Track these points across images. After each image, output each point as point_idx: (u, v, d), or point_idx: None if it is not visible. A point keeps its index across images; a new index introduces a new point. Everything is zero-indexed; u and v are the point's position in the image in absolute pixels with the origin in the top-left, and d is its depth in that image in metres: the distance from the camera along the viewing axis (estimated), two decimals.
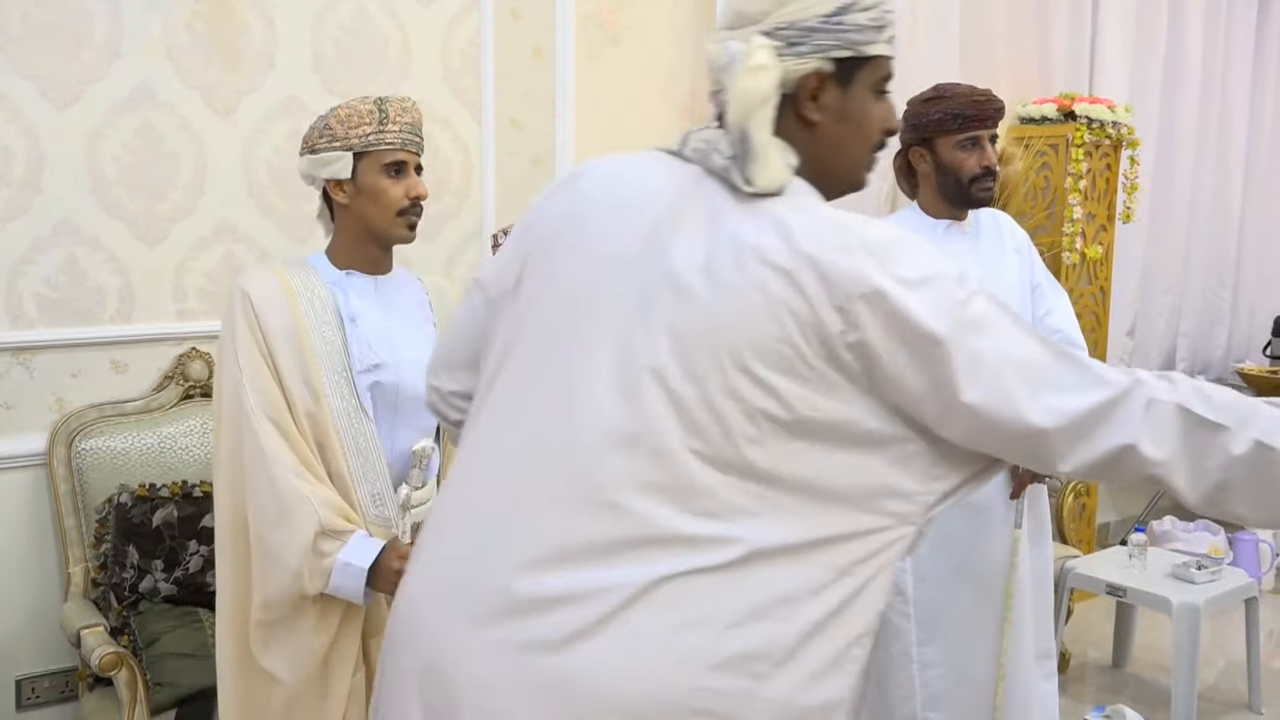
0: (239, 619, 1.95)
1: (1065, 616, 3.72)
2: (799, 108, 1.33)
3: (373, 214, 2.00)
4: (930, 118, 2.58)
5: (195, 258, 2.80)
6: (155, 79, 2.69)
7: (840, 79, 1.32)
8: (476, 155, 3.24)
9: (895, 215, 2.75)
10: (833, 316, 1.19)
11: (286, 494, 1.87)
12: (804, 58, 1.30)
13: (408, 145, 2.02)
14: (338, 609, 1.93)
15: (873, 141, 1.39)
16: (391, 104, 2.02)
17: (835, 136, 1.35)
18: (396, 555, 1.91)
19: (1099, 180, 4.40)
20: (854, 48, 1.31)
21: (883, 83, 1.37)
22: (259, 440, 1.88)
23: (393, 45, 3.05)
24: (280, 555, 1.87)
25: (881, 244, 1.23)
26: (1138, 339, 5.37)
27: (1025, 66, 4.71)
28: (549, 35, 3.36)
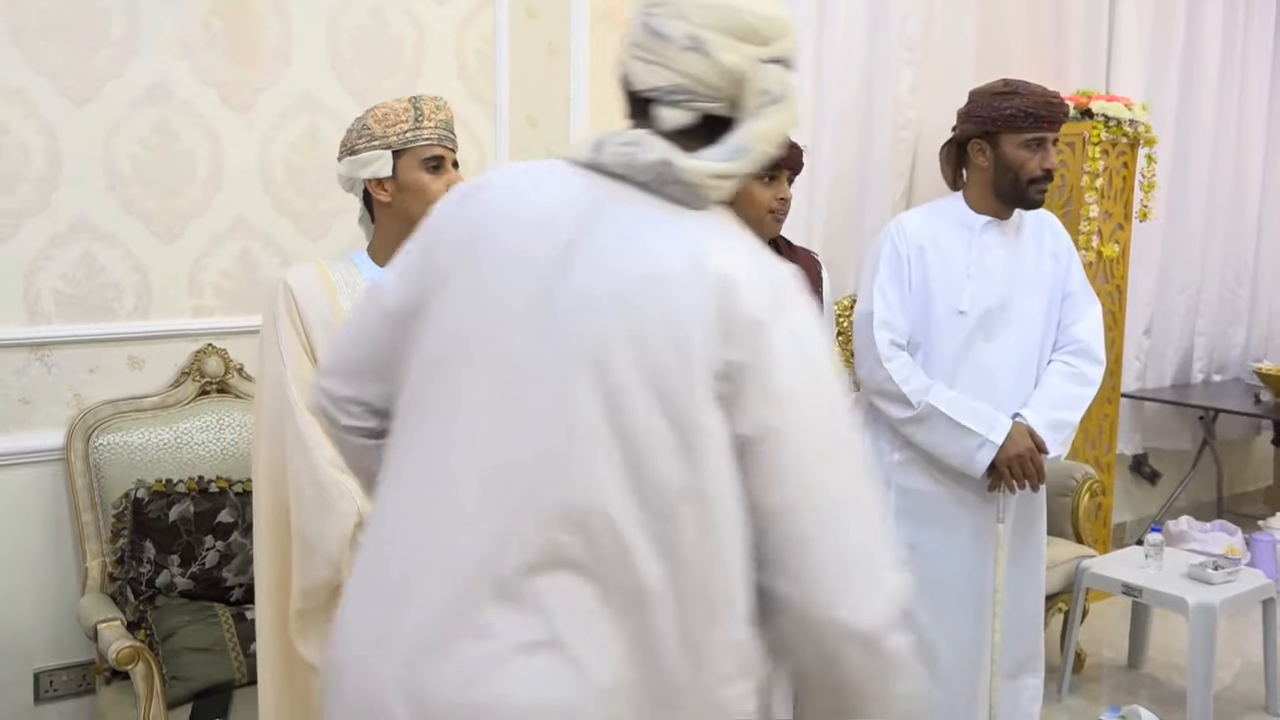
0: (277, 608, 1.97)
1: (1080, 616, 3.71)
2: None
3: (415, 209, 2.01)
4: (1000, 112, 2.52)
5: (211, 254, 2.81)
6: (172, 76, 2.70)
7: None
8: (491, 153, 3.24)
9: (934, 203, 2.71)
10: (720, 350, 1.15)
11: (327, 485, 1.90)
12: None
13: (444, 141, 2.06)
14: None
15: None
16: (425, 102, 2.07)
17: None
18: None
19: (1115, 178, 4.38)
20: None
21: None
22: (301, 431, 1.91)
23: (408, 43, 3.06)
24: (320, 545, 1.89)
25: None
26: (1154, 338, 5.34)
27: (1041, 63, 4.69)
28: (564, 33, 3.36)
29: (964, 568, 2.64)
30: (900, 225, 2.64)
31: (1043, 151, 2.55)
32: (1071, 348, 2.71)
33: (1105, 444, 4.52)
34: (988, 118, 2.56)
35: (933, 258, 2.59)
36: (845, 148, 4.06)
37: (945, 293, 2.59)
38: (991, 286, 2.61)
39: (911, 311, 2.61)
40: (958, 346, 2.59)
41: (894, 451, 2.62)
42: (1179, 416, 5.45)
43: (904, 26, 4.14)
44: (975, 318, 2.59)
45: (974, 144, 2.61)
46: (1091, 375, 2.68)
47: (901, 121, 4.16)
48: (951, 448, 2.54)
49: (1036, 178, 2.55)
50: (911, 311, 2.61)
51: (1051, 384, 2.66)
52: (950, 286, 2.59)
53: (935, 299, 2.59)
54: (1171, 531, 4.73)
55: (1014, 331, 2.63)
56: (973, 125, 2.60)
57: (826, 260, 3.94)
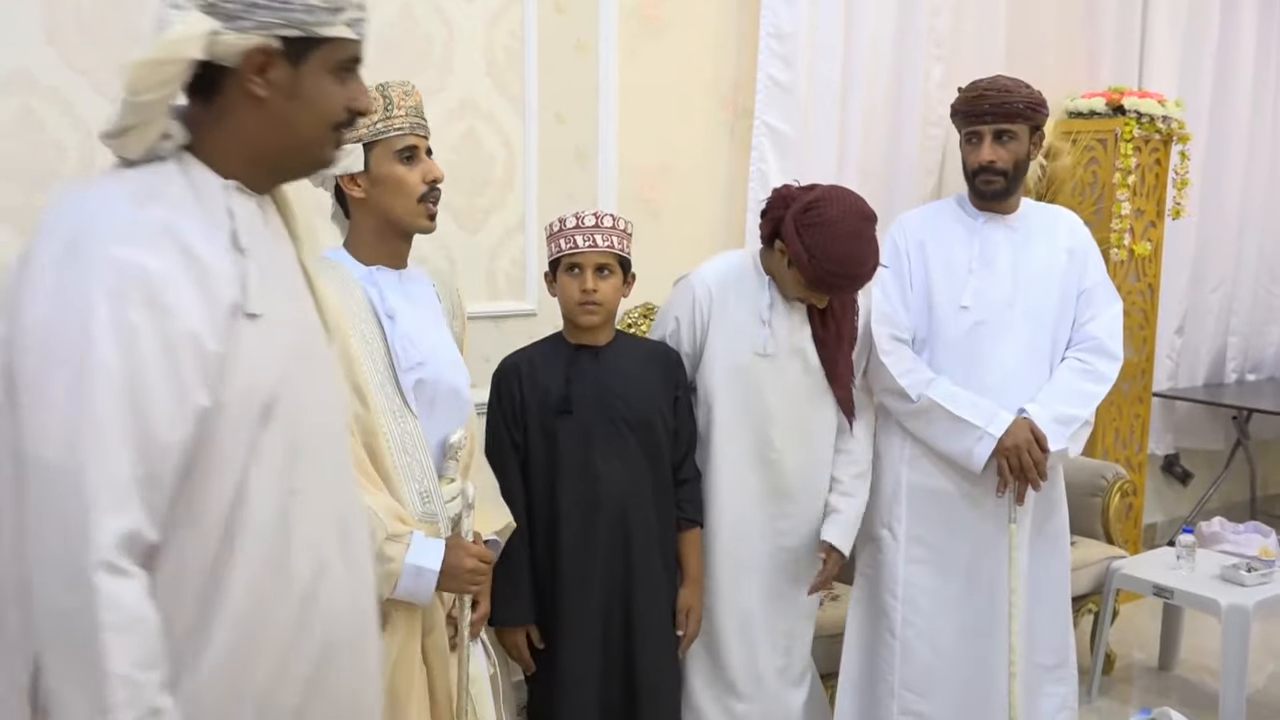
0: None
1: (1111, 618, 3.68)
2: (244, 82, 1.32)
3: (392, 203, 1.96)
4: (953, 111, 2.66)
5: None
6: None
7: (291, 57, 1.33)
8: (520, 149, 3.25)
9: (939, 201, 2.77)
10: None
11: None
12: (246, 33, 1.29)
13: (416, 129, 1.98)
14: (399, 614, 1.90)
15: (331, 121, 1.39)
16: (393, 89, 1.97)
17: (285, 114, 1.35)
18: (465, 553, 1.92)
19: (1148, 175, 4.34)
20: (303, 28, 1.31)
21: (347, 64, 1.38)
22: None
23: (437, 40, 3.07)
24: None
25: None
26: (1186, 337, 5.29)
27: (1073, 60, 4.66)
28: (592, 29, 3.36)
29: (976, 567, 2.63)
30: (900, 223, 2.69)
31: (979, 145, 2.60)
32: (1086, 345, 2.69)
33: (1136, 444, 4.49)
34: (952, 118, 2.68)
35: (933, 253, 2.61)
36: (873, 145, 4.04)
37: (947, 288, 2.59)
38: (996, 282, 2.60)
39: (914, 307, 2.61)
40: (962, 342, 2.59)
41: (904, 448, 2.62)
42: (1212, 416, 5.40)
43: (934, 22, 4.12)
44: (980, 313, 2.58)
45: (960, 142, 2.70)
46: (1106, 372, 2.66)
47: (932, 118, 4.13)
48: (951, 441, 2.54)
49: (976, 169, 2.61)
50: (914, 307, 2.61)
51: (1061, 379, 2.65)
52: (952, 282, 2.59)
53: (937, 294, 2.60)
54: (1204, 532, 4.68)
55: (1021, 328, 2.62)
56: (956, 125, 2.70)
57: None
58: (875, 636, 2.67)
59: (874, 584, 2.68)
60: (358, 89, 1.41)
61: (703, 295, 2.50)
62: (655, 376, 2.43)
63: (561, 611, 2.32)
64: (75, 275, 1.19)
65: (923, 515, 2.61)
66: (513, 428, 2.31)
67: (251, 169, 1.37)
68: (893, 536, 2.62)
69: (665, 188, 3.58)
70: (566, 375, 2.33)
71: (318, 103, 1.37)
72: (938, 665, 2.63)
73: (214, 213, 1.31)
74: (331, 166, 1.51)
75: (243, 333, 1.27)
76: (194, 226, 1.27)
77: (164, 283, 1.21)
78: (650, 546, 2.39)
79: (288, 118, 1.36)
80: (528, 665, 2.31)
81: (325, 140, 1.41)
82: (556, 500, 2.31)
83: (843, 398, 2.52)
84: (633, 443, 2.36)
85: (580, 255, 2.30)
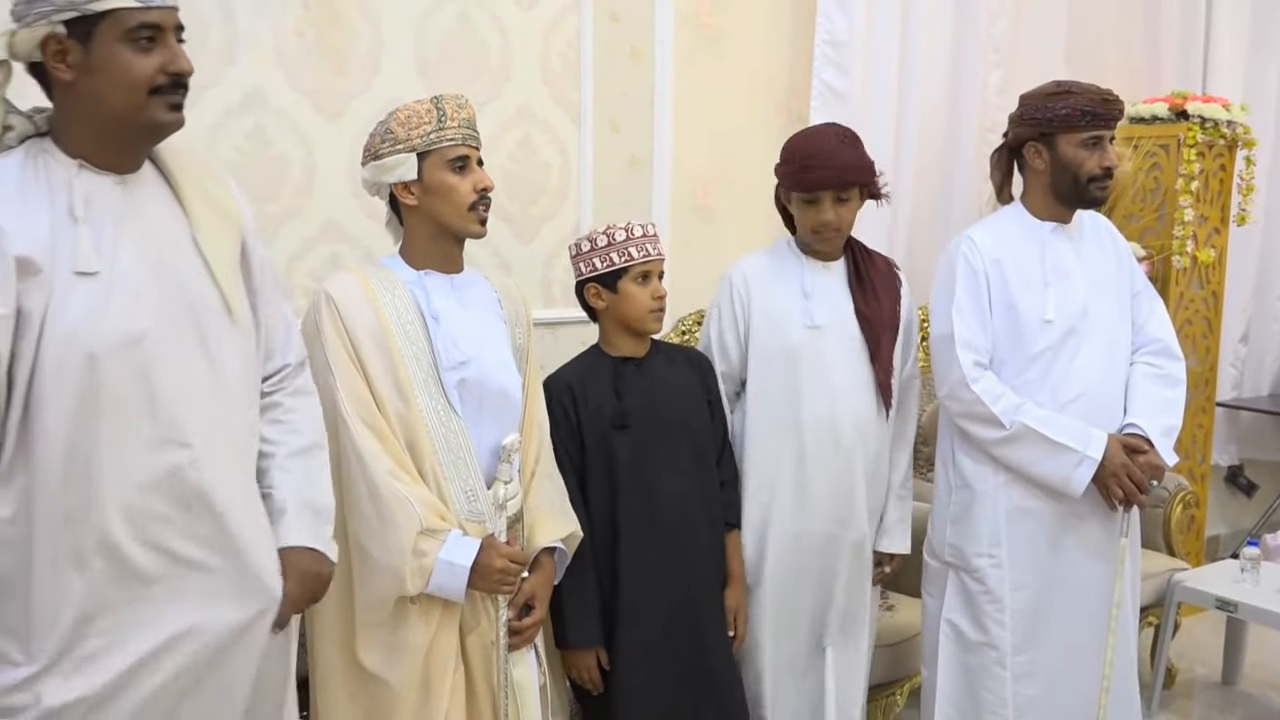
0: (341, 621, 1.96)
1: (1172, 631, 3.62)
2: (51, 71, 1.50)
3: (444, 211, 2.02)
4: (1056, 113, 2.49)
5: (302, 258, 2.87)
6: (267, 84, 2.76)
7: (78, 37, 1.48)
8: (575, 157, 3.27)
9: (998, 215, 2.66)
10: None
11: (386, 496, 1.89)
12: (30, 25, 1.46)
13: (468, 140, 2.03)
14: (436, 607, 1.95)
15: (142, 85, 1.52)
16: (447, 101, 2.04)
17: (91, 88, 1.50)
18: (496, 553, 1.94)
19: (1212, 181, 4.26)
20: (76, 7, 1.46)
21: (136, 32, 1.50)
22: (355, 443, 1.91)
23: (494, 48, 3.10)
24: (382, 556, 1.89)
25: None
26: (1251, 345, 5.19)
27: (1134, 63, 4.58)
28: (647, 37, 3.37)
29: (1078, 585, 2.55)
30: (972, 242, 2.57)
31: (1101, 149, 2.52)
32: (1152, 348, 2.64)
33: (1199, 454, 4.40)
34: (1043, 119, 2.52)
35: (1011, 270, 2.54)
36: (929, 150, 4.00)
37: (1029, 304, 2.53)
38: (1071, 292, 2.55)
39: (991, 329, 2.55)
40: (1047, 356, 2.52)
41: (998, 473, 2.54)
42: (1277, 426, 5.28)
43: (992, 28, 4.08)
44: (1062, 325, 2.53)
45: (1030, 147, 2.57)
46: (1178, 374, 2.62)
47: (989, 124, 4.09)
48: (1047, 466, 2.47)
49: (1096, 175, 2.51)
50: (991, 329, 2.55)
51: (1147, 390, 2.58)
52: (1032, 297, 2.53)
53: (1020, 311, 2.53)
54: (1269, 545, 4.57)
55: (1099, 335, 2.56)
56: (1027, 128, 2.56)
57: (909, 261, 3.92)
58: (981, 668, 2.56)
59: (976, 613, 2.56)
60: (170, 54, 1.54)
61: (739, 281, 2.56)
62: (695, 381, 2.46)
63: (623, 625, 2.29)
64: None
65: (1025, 539, 2.53)
66: (570, 444, 2.31)
67: (93, 145, 1.54)
68: (996, 564, 2.53)
69: (719, 194, 3.58)
70: (616, 390, 2.33)
71: (117, 72, 1.50)
72: (1049, 690, 2.56)
73: (54, 188, 1.51)
74: (170, 129, 1.59)
75: (74, 287, 1.47)
76: (2, 195, 1.47)
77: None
78: (705, 552, 2.40)
79: (95, 91, 1.51)
80: (597, 686, 2.29)
81: (143, 104, 1.53)
82: (616, 515, 2.30)
83: (883, 382, 2.53)
84: (684, 450, 2.37)
85: (653, 262, 2.34)
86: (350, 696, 1.97)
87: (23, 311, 1.45)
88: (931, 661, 2.66)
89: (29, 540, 1.48)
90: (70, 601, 1.49)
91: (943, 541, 2.62)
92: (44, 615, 1.48)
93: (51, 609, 1.48)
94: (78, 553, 1.49)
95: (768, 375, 2.53)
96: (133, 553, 1.52)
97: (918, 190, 3.98)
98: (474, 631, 2.01)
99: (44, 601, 1.48)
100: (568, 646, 2.25)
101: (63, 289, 1.47)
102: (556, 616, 2.22)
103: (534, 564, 2.11)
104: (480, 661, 2.02)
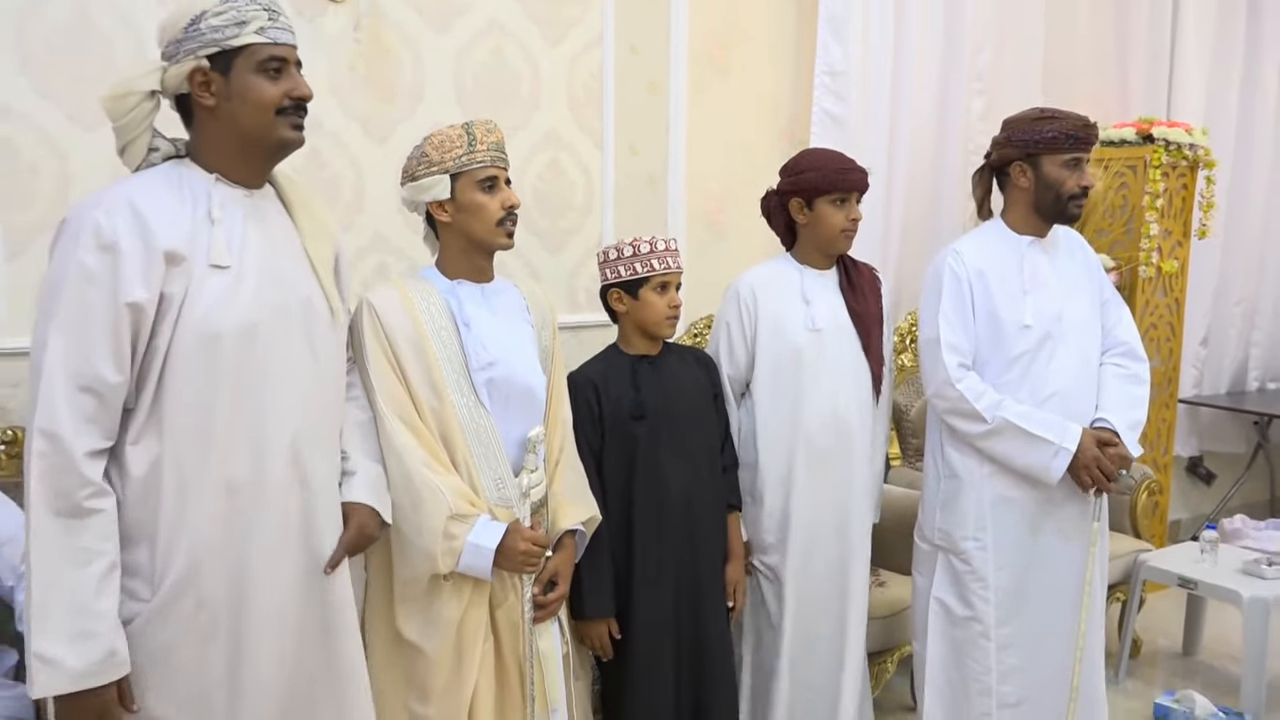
0: (384, 596, 1.98)
1: (1138, 606, 3.59)
2: (196, 98, 1.61)
3: (474, 227, 2.02)
4: (1041, 135, 2.48)
5: (354, 267, 2.87)
6: (322, 112, 2.77)
7: (219, 69, 1.60)
8: (598, 178, 3.27)
9: (980, 229, 2.65)
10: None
11: (419, 484, 1.89)
12: (179, 62, 1.59)
13: (496, 162, 2.03)
14: (468, 584, 1.96)
15: (270, 107, 1.63)
16: (477, 126, 2.04)
17: (230, 112, 1.62)
18: (520, 537, 1.94)
19: (1175, 199, 4.22)
20: (217, 44, 1.59)
21: (266, 64, 1.62)
22: (391, 437, 1.91)
23: (524, 79, 3.10)
24: (416, 539, 1.89)
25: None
26: (1210, 348, 5.15)
27: (1105, 91, 4.55)
28: (664, 69, 3.37)
29: (1055, 564, 2.54)
30: (958, 254, 2.55)
31: (1080, 170, 2.50)
32: (1120, 350, 2.63)
33: (1163, 446, 4.37)
34: (1029, 140, 2.50)
35: (993, 279, 2.53)
36: (919, 171, 3.99)
37: (1009, 310, 2.52)
38: (1048, 300, 2.54)
39: (974, 333, 2.54)
40: (1025, 359, 2.51)
41: (983, 465, 2.53)
42: (1234, 421, 5.24)
43: (975, 59, 4.06)
44: (1039, 330, 2.52)
45: (1015, 166, 2.55)
46: (1143, 374, 2.61)
47: (972, 147, 4.07)
48: (1027, 457, 2.45)
49: (1075, 194, 2.50)
50: (974, 333, 2.54)
51: (1116, 388, 2.56)
52: (1011, 304, 2.52)
53: (1001, 317, 2.52)
54: (1226, 529, 4.54)
55: (1072, 340, 2.55)
56: (1013, 149, 2.54)
57: (900, 270, 3.94)
58: (967, 640, 2.55)
59: (962, 591, 2.55)
60: (293, 82, 1.65)
61: (746, 294, 2.57)
62: (703, 378, 2.47)
63: (636, 597, 2.30)
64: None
65: (1008, 524, 2.52)
66: (591, 435, 2.30)
67: (228, 161, 1.65)
68: (981, 547, 2.52)
69: (728, 211, 3.57)
70: (635, 384, 2.33)
71: (251, 96, 1.61)
72: (1029, 658, 2.56)
73: (196, 196, 1.61)
74: (293, 146, 1.69)
75: (209, 277, 1.58)
76: (152, 201, 1.56)
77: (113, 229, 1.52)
78: (710, 532, 2.39)
79: (233, 114, 1.62)
80: (607, 653, 2.29)
81: (271, 123, 1.64)
82: (631, 497, 2.30)
83: (875, 372, 2.57)
84: (694, 439, 2.37)
85: (672, 275, 2.34)
86: (392, 663, 1.98)
87: (166, 296, 1.55)
88: (922, 635, 2.64)
89: (158, 494, 1.56)
90: (185, 550, 1.57)
91: (933, 526, 2.61)
92: (165, 560, 1.57)
93: (171, 554, 1.57)
94: (194, 507, 1.57)
95: (776, 375, 2.53)
96: (234, 512, 1.60)
97: (908, 205, 3.97)
98: (502, 606, 2.01)
99: (166, 548, 1.57)
100: (584, 617, 2.25)
101: (200, 278, 1.57)
102: (574, 591, 2.21)
103: (557, 545, 2.10)
104: (508, 633, 2.02)
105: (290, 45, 1.65)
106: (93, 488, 1.50)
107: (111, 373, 1.51)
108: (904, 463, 3.78)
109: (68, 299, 1.49)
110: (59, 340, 1.49)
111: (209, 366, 1.57)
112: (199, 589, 1.58)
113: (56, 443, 1.47)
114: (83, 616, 1.48)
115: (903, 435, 3.78)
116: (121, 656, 1.52)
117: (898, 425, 3.74)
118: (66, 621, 1.47)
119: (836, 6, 3.61)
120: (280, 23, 1.64)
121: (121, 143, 1.63)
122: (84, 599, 1.48)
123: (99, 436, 1.52)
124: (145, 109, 1.61)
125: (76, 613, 1.48)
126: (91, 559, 1.49)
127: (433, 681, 1.94)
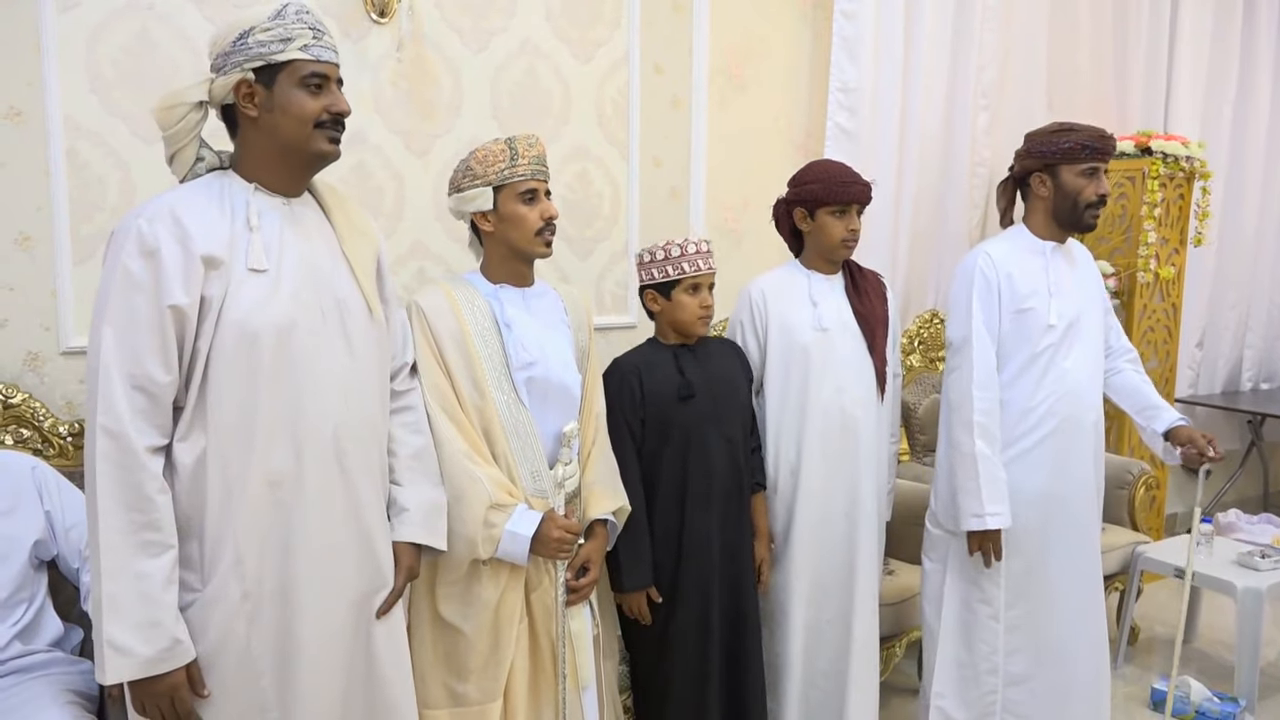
0: (427, 580, 1.99)
1: (1136, 595, 3.57)
2: (241, 109, 1.62)
3: (515, 236, 2.03)
4: (1060, 147, 2.49)
5: (394, 272, 2.87)
6: (367, 126, 2.80)
7: (263, 82, 1.60)
8: (624, 188, 3.28)
9: (1006, 233, 2.64)
10: None
11: (460, 475, 1.91)
12: (226, 74, 1.59)
13: (537, 175, 2.03)
14: (504, 569, 1.97)
15: (310, 120, 1.62)
16: (519, 141, 2.04)
17: (272, 123, 1.62)
18: (555, 525, 1.96)
19: (1172, 208, 4.20)
20: (263, 59, 1.59)
21: (308, 79, 1.61)
22: (437, 431, 1.92)
23: (556, 96, 3.12)
24: (457, 527, 1.90)
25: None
26: (1206, 350, 5.11)
27: (1105, 106, 4.53)
28: (686, 86, 3.38)
29: (1066, 551, 2.54)
30: (989, 256, 2.55)
31: (1097, 179, 2.51)
32: (1129, 355, 2.70)
33: None
34: (1049, 152, 2.51)
35: (1021, 281, 2.53)
36: (927, 183, 3.98)
37: (1036, 310, 2.53)
38: (1068, 301, 2.55)
39: (998, 331, 2.55)
40: (1047, 355, 2.53)
41: (1001, 453, 2.53)
42: (1228, 420, 5.20)
43: (981, 76, 4.05)
44: (1061, 330, 2.53)
45: (1035, 177, 2.55)
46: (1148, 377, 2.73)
47: (978, 159, 4.06)
48: (960, 492, 2.48)
49: (1093, 202, 2.51)
50: (998, 331, 2.55)
51: (1151, 391, 2.67)
52: (1039, 304, 2.53)
53: (1028, 317, 2.53)
54: (1221, 522, 4.51)
55: (1087, 340, 2.57)
56: (1034, 160, 2.54)
57: (909, 276, 3.93)
58: (977, 622, 2.57)
59: (975, 575, 2.56)
60: (332, 97, 1.64)
61: (758, 297, 2.57)
62: (737, 365, 2.48)
63: (685, 563, 2.30)
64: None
65: (1021, 514, 2.53)
66: (632, 419, 2.31)
67: (267, 170, 1.65)
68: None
69: (746, 219, 3.58)
70: (679, 368, 2.35)
71: (292, 108, 1.61)
72: (1034, 638, 2.56)
73: (235, 204, 1.61)
74: (330, 158, 1.68)
75: (247, 280, 1.57)
76: (192, 209, 1.56)
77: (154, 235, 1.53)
78: (743, 508, 2.41)
79: (274, 125, 1.62)
80: (646, 618, 2.28)
81: (310, 135, 1.63)
82: (687, 471, 2.30)
83: (879, 370, 2.56)
84: (732, 421, 2.38)
85: (703, 276, 2.34)
86: (433, 643, 1.99)
87: (206, 299, 1.55)
88: (935, 616, 2.65)
89: (204, 489, 1.56)
90: (232, 542, 1.57)
91: (947, 512, 2.60)
92: (213, 552, 1.57)
93: (220, 546, 1.57)
94: (238, 501, 1.57)
95: (785, 371, 2.54)
96: (277, 504, 1.60)
97: (916, 215, 3.96)
98: (537, 590, 2.03)
99: (214, 541, 1.57)
100: (623, 590, 2.25)
101: (238, 281, 1.57)
102: (614, 568, 2.23)
103: (589, 533, 2.12)
104: (542, 615, 2.03)
105: (332, 63, 1.64)
106: (158, 482, 1.51)
107: (160, 372, 1.52)
108: (912, 458, 3.77)
109: (116, 302, 1.51)
110: (111, 340, 1.50)
111: (249, 365, 1.56)
112: (244, 579, 1.57)
113: (121, 439, 1.48)
114: (151, 606, 1.49)
115: (910, 432, 3.78)
116: (186, 644, 1.53)
117: (906, 422, 3.73)
118: (136, 610, 1.48)
119: (850, 27, 3.61)
120: (324, 42, 1.63)
121: (170, 151, 1.64)
122: (152, 589, 1.49)
123: (157, 434, 1.52)
124: (193, 119, 1.62)
125: (146, 602, 1.48)
126: (159, 551, 1.51)
127: (471, 660, 1.96)
